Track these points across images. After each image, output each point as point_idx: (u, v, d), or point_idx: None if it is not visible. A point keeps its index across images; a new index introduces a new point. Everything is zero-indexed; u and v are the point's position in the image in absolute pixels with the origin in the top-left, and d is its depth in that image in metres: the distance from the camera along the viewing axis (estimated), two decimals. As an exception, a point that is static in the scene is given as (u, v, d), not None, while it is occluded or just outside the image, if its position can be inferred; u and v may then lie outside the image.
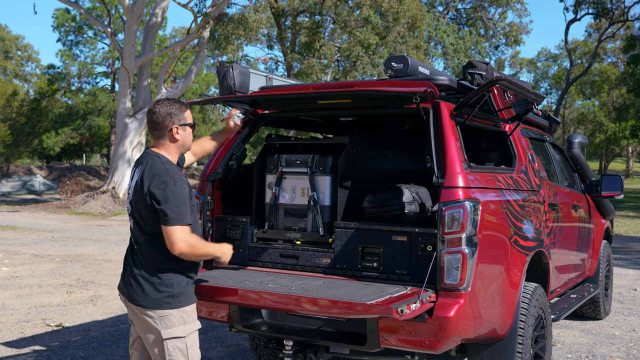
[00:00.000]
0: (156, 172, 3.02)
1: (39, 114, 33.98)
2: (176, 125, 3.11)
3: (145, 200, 3.00)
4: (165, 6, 22.58)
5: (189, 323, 3.11)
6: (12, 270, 9.27)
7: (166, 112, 3.10)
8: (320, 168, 4.06)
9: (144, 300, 3.03)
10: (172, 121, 3.11)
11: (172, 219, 2.95)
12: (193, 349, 3.12)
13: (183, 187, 3.02)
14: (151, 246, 3.07)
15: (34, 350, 5.38)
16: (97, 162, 55.53)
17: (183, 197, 3.00)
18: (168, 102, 3.13)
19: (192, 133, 3.24)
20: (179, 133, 3.14)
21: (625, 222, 18.16)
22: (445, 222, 3.40)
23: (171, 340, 3.05)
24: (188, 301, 3.11)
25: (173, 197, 2.96)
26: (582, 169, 6.43)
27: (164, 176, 3.00)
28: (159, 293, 3.03)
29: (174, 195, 2.97)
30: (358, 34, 23.34)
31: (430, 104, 3.81)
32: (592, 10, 37.43)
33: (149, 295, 3.03)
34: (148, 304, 3.03)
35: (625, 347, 5.73)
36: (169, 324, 3.04)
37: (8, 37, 53.09)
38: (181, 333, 3.06)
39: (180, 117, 3.14)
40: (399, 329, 3.41)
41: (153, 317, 3.03)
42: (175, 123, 3.12)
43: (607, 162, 58.92)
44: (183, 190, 3.01)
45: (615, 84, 49.95)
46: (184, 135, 3.17)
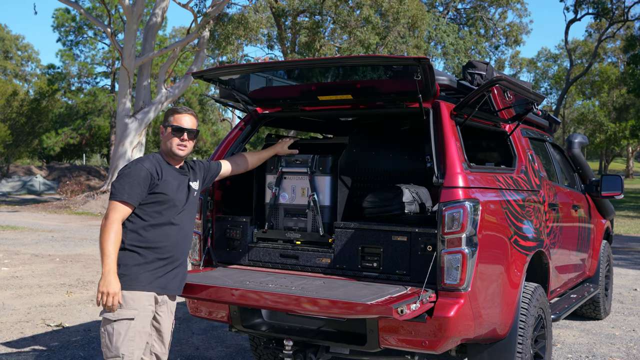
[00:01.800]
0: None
1: (39, 114, 33.99)
2: (162, 125, 3.44)
3: None
4: (165, 6, 22.57)
5: (124, 309, 3.14)
6: (12, 270, 9.27)
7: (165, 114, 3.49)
8: (320, 168, 4.06)
9: None
10: (163, 122, 3.45)
11: (110, 194, 3.20)
12: (121, 338, 3.12)
13: (137, 170, 3.20)
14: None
15: (34, 350, 5.38)
16: (97, 162, 55.54)
17: (131, 177, 3.18)
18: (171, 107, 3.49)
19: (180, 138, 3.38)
20: (163, 133, 3.42)
21: (625, 222, 18.16)
22: (445, 222, 3.40)
23: (102, 320, 3.17)
24: (129, 286, 3.16)
25: (120, 176, 3.20)
26: (582, 169, 6.43)
27: (129, 162, 3.32)
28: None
29: (122, 175, 3.20)
30: (358, 34, 23.34)
31: (430, 104, 3.81)
32: (592, 10, 37.42)
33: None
34: None
35: (625, 347, 5.73)
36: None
37: (8, 37, 53.09)
38: (111, 316, 3.13)
39: (168, 118, 3.43)
40: (399, 329, 3.41)
41: None
42: (163, 124, 3.44)
43: (607, 162, 58.90)
44: (135, 172, 3.20)
45: (615, 84, 49.94)
46: (165, 135, 3.40)
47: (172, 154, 3.38)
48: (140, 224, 3.22)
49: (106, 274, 3.06)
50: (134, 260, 3.19)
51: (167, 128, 3.38)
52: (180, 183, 3.39)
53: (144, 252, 3.21)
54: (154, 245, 3.24)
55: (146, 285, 3.21)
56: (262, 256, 4.16)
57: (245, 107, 4.44)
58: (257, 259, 4.18)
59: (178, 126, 3.36)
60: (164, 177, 3.29)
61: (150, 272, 3.22)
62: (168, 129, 3.38)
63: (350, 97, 4.09)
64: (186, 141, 3.39)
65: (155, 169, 3.28)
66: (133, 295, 3.17)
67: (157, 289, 3.26)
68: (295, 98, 4.33)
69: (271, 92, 4.50)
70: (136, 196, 3.19)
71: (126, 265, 3.16)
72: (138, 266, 3.19)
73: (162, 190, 3.27)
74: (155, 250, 3.24)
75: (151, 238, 3.23)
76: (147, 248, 3.22)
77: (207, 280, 3.61)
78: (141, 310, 3.19)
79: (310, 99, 4.28)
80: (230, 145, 4.38)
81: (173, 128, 3.36)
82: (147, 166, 3.25)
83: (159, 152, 3.45)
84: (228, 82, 4.26)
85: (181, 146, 3.37)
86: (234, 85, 4.32)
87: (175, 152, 3.37)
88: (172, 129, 3.36)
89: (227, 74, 4.13)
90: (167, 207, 3.29)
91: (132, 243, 3.20)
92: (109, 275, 3.06)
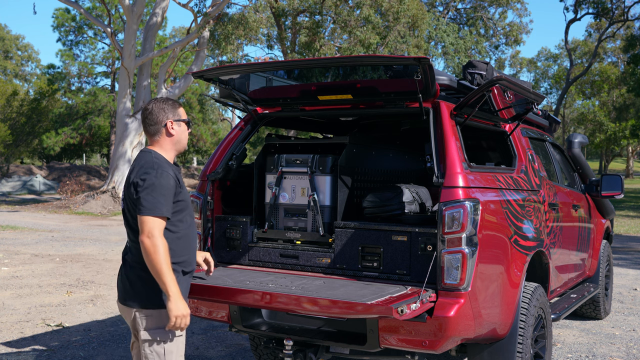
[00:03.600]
0: (142, 163, 2.98)
1: (39, 114, 33.97)
2: (170, 119, 3.08)
3: (130, 192, 2.94)
4: (165, 6, 22.58)
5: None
6: (12, 270, 9.27)
7: (160, 107, 3.08)
8: (320, 168, 4.06)
9: (130, 298, 2.97)
10: (167, 116, 3.08)
11: (145, 209, 2.84)
12: (173, 356, 2.98)
13: (167, 179, 2.91)
14: (138, 242, 2.94)
15: (34, 350, 5.38)
16: (97, 162, 55.53)
17: (163, 188, 2.89)
18: (162, 99, 3.14)
19: (189, 132, 3.19)
20: (174, 128, 3.09)
21: (625, 222, 18.15)
22: (445, 222, 3.39)
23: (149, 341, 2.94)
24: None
25: (151, 187, 2.87)
26: (582, 169, 6.43)
27: (149, 167, 2.94)
28: (146, 290, 2.93)
29: (153, 186, 2.87)
30: (358, 34, 23.34)
31: (430, 103, 3.81)
32: (592, 10, 37.41)
33: (135, 293, 2.96)
34: (133, 302, 2.96)
35: (625, 347, 5.73)
36: (149, 324, 2.94)
37: (8, 37, 53.11)
38: (165, 337, 2.95)
39: (175, 112, 3.11)
40: (399, 329, 3.41)
41: (138, 316, 2.96)
42: (170, 118, 3.08)
43: (607, 162, 58.89)
44: (165, 182, 2.91)
45: (615, 83, 49.94)
46: (179, 131, 3.10)
47: (183, 147, 3.17)
48: (169, 237, 2.94)
49: (175, 298, 2.82)
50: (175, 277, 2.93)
51: (179, 123, 3.11)
52: (182, 181, 3.17)
53: (175, 267, 2.97)
54: (180, 259, 3.02)
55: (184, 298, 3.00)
56: (262, 256, 4.16)
57: (245, 107, 4.44)
58: (257, 259, 4.18)
59: (189, 119, 3.17)
60: (180, 181, 3.07)
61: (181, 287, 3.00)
62: (182, 123, 3.12)
63: (350, 97, 4.09)
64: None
65: (175, 174, 3.03)
66: None
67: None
68: (295, 98, 4.33)
69: (271, 92, 4.50)
70: (171, 208, 2.94)
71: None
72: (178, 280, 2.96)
73: (183, 197, 3.05)
74: (182, 265, 3.03)
75: (178, 251, 3.00)
76: (176, 263, 2.99)
77: (207, 280, 3.61)
78: None
79: (310, 98, 4.28)
80: (230, 145, 4.38)
81: (187, 122, 3.15)
82: (172, 173, 2.99)
83: (159, 152, 3.09)
84: (228, 82, 4.26)
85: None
86: (234, 85, 4.32)
87: (186, 146, 3.19)
88: (186, 123, 3.14)
89: (227, 74, 4.13)
90: (187, 213, 3.08)
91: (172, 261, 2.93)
92: (178, 299, 2.83)
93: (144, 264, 2.91)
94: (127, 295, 2.99)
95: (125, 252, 3.12)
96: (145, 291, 2.95)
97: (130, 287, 2.98)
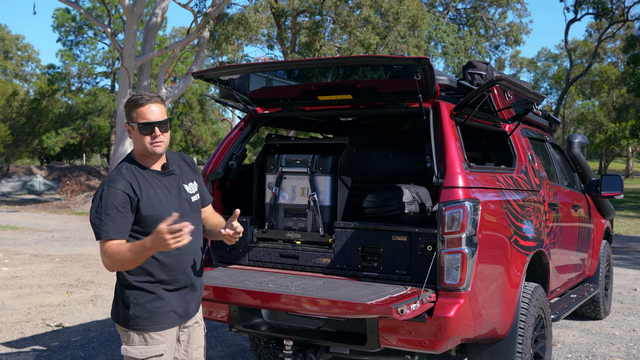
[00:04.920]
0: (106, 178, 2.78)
1: (39, 114, 34.00)
2: (126, 122, 2.78)
3: None
4: (165, 6, 22.57)
5: (152, 346, 2.76)
6: (12, 270, 9.27)
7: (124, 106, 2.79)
8: (320, 168, 4.06)
9: (112, 314, 2.87)
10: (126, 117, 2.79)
11: (95, 234, 2.66)
12: None
13: (110, 196, 2.65)
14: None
15: (34, 350, 5.38)
16: (97, 162, 55.53)
17: (106, 207, 2.64)
18: (131, 95, 2.85)
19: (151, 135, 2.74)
20: (129, 131, 2.77)
21: (625, 222, 18.15)
22: (445, 222, 3.40)
23: (126, 358, 2.80)
24: (153, 327, 2.75)
25: (93, 211, 2.66)
26: (582, 169, 6.43)
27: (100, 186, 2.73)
28: (118, 311, 2.80)
29: (95, 209, 2.66)
30: (358, 34, 23.34)
31: (430, 104, 3.81)
32: (592, 10, 37.40)
33: (113, 310, 2.86)
34: (113, 318, 2.87)
35: (625, 347, 5.73)
36: (127, 340, 2.78)
37: (8, 37, 53.11)
38: (138, 354, 2.76)
39: (129, 114, 2.75)
40: (399, 329, 3.41)
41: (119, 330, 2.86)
42: (126, 120, 2.78)
43: (607, 162, 58.90)
44: (109, 199, 2.65)
45: (615, 84, 49.95)
46: (133, 134, 2.76)
47: (148, 154, 2.77)
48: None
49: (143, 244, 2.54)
50: (148, 298, 2.74)
51: (132, 126, 2.73)
52: (168, 188, 2.81)
53: (162, 281, 2.77)
54: (160, 277, 2.76)
55: (162, 317, 2.78)
56: (262, 256, 4.16)
57: (245, 107, 4.44)
58: (257, 259, 4.18)
59: (145, 122, 2.70)
60: (144, 193, 2.72)
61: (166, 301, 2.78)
62: (134, 127, 2.72)
63: (350, 97, 4.10)
64: (160, 136, 2.74)
65: (131, 186, 2.70)
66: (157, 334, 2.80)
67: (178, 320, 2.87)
68: (295, 98, 4.33)
69: (271, 92, 4.50)
70: (123, 227, 2.66)
71: (138, 305, 2.72)
72: (153, 300, 2.75)
73: (146, 211, 2.71)
74: (164, 283, 2.78)
75: (155, 271, 2.75)
76: (154, 282, 2.76)
77: (207, 280, 3.61)
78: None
79: (310, 99, 4.29)
80: (230, 145, 4.38)
81: (140, 126, 2.71)
82: (121, 188, 2.67)
83: (131, 155, 2.83)
84: (228, 82, 4.26)
85: (156, 143, 2.74)
86: (234, 85, 4.32)
87: (152, 151, 2.75)
88: (139, 127, 2.71)
89: (227, 74, 4.13)
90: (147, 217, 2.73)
91: (148, 278, 2.74)
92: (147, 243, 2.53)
93: (119, 281, 2.80)
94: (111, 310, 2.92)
95: None
96: (116, 311, 2.83)
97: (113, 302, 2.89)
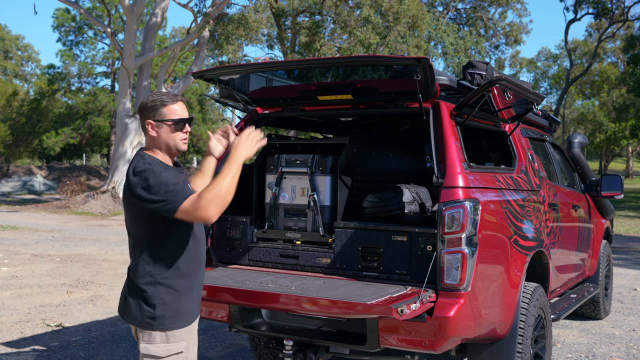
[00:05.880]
0: (137, 170, 2.72)
1: (39, 114, 33.99)
2: (149, 120, 2.82)
3: (131, 203, 2.75)
4: (165, 6, 22.58)
5: (173, 343, 2.79)
6: (12, 270, 9.27)
7: (141, 106, 2.85)
8: (320, 168, 4.06)
9: (128, 314, 2.84)
10: (145, 116, 2.83)
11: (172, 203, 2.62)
12: None
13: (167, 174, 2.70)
14: (136, 253, 2.80)
15: (34, 350, 5.38)
16: (97, 162, 55.53)
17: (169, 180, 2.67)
18: (150, 95, 2.88)
19: (183, 131, 2.85)
20: (155, 130, 2.82)
21: (625, 222, 18.16)
22: (445, 222, 3.39)
23: (147, 357, 2.80)
24: (175, 325, 2.78)
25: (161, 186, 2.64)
26: (582, 169, 6.43)
27: (143, 172, 2.70)
28: (140, 312, 2.78)
29: (159, 184, 2.65)
30: (358, 34, 23.34)
31: (430, 104, 3.81)
32: (592, 10, 37.42)
33: (132, 311, 2.81)
34: (131, 318, 2.83)
35: (625, 347, 5.73)
36: (149, 339, 2.79)
37: (8, 37, 53.13)
38: (160, 352, 2.78)
39: (155, 112, 2.81)
40: (399, 329, 3.41)
41: (137, 329, 2.85)
42: (149, 118, 2.82)
43: (607, 162, 58.92)
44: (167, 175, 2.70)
45: (615, 84, 49.96)
46: (160, 132, 2.82)
47: (177, 151, 2.86)
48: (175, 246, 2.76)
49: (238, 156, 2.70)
50: (173, 295, 2.77)
51: (161, 123, 2.81)
52: (185, 181, 2.89)
53: (184, 277, 2.80)
54: (189, 269, 2.82)
55: (185, 315, 2.83)
56: (262, 256, 4.16)
57: (245, 107, 4.44)
58: (257, 259, 4.18)
59: (179, 118, 2.83)
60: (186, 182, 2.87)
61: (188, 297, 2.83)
62: (166, 124, 2.81)
63: (350, 97, 4.09)
64: (187, 132, 2.88)
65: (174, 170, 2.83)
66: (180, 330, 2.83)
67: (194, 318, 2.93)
68: (295, 98, 4.33)
69: (271, 92, 4.50)
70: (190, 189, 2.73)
71: (163, 304, 2.74)
72: (178, 298, 2.78)
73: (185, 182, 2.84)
74: (189, 277, 2.83)
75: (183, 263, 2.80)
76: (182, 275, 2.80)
77: (207, 280, 3.61)
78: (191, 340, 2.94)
79: (310, 99, 4.28)
80: (230, 145, 4.38)
81: (175, 122, 2.82)
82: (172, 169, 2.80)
83: (150, 155, 2.84)
84: (228, 82, 4.26)
85: (185, 140, 2.86)
86: (234, 85, 4.32)
87: (182, 148, 2.86)
88: (173, 122, 2.81)
89: (227, 74, 4.13)
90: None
91: (172, 276, 2.75)
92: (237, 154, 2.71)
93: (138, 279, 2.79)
94: (124, 309, 2.87)
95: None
96: (138, 312, 2.80)
97: (127, 302, 2.85)
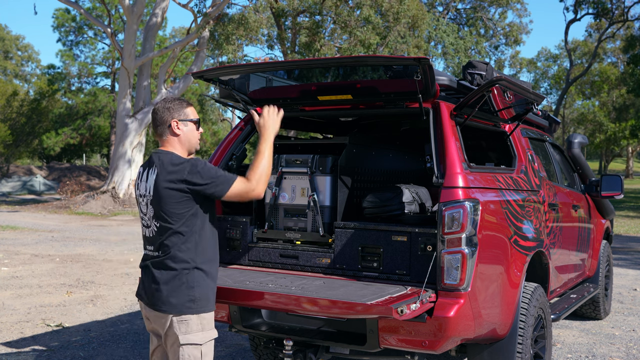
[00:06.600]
0: (176, 162, 2.97)
1: (39, 114, 34.00)
2: (175, 119, 3.06)
3: (172, 193, 2.92)
4: (165, 6, 22.59)
5: (207, 330, 3.02)
6: (12, 270, 9.27)
7: (165, 107, 3.07)
8: (320, 168, 4.06)
9: (164, 304, 2.95)
10: (172, 115, 3.06)
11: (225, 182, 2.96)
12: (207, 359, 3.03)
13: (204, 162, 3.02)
14: (168, 244, 2.96)
15: (34, 350, 5.38)
16: (97, 162, 55.54)
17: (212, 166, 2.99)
18: (169, 99, 3.13)
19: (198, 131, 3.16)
20: (180, 128, 3.07)
21: (625, 222, 18.16)
22: (445, 222, 3.39)
23: (187, 346, 2.96)
24: (208, 307, 3.02)
25: (211, 171, 2.95)
26: (582, 169, 6.43)
27: (187, 161, 2.97)
28: (180, 297, 2.94)
29: (209, 169, 2.95)
30: (358, 34, 23.34)
31: (430, 104, 3.81)
32: (592, 10, 37.43)
33: (169, 299, 2.95)
34: (169, 307, 2.95)
35: (625, 347, 5.73)
36: (187, 329, 2.96)
37: (8, 37, 53.12)
38: (199, 340, 2.98)
39: (181, 112, 3.08)
40: (399, 329, 3.41)
41: (173, 321, 2.97)
42: (175, 117, 3.06)
43: (607, 162, 58.93)
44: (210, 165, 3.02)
45: (615, 84, 49.96)
46: (185, 131, 3.08)
47: (193, 149, 3.15)
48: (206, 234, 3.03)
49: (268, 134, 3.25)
50: (208, 283, 3.03)
51: (187, 123, 3.09)
52: None
53: (214, 267, 3.08)
54: (214, 257, 3.09)
55: (214, 302, 3.10)
56: (262, 256, 4.16)
57: (245, 107, 4.44)
58: (257, 259, 4.18)
59: (198, 119, 3.15)
60: None
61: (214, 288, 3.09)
62: (190, 123, 3.10)
63: (350, 97, 4.09)
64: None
65: None
66: (211, 315, 3.07)
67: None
68: (295, 98, 4.33)
69: (271, 92, 4.50)
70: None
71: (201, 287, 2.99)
72: (211, 286, 3.05)
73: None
74: (214, 264, 3.09)
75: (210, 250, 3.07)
76: (210, 261, 3.07)
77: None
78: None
79: (310, 99, 4.28)
80: (230, 145, 4.38)
81: (196, 122, 3.13)
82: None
83: (177, 154, 3.07)
84: (228, 82, 4.26)
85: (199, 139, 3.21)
86: (234, 85, 4.32)
87: (198, 146, 3.17)
88: (195, 122, 3.12)
89: (227, 74, 4.13)
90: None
91: (208, 265, 3.03)
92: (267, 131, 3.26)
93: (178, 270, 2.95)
94: (158, 302, 2.97)
95: (150, 259, 3.04)
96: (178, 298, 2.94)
97: (162, 293, 2.96)
